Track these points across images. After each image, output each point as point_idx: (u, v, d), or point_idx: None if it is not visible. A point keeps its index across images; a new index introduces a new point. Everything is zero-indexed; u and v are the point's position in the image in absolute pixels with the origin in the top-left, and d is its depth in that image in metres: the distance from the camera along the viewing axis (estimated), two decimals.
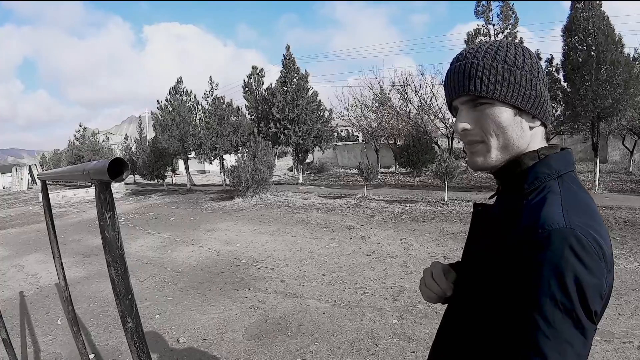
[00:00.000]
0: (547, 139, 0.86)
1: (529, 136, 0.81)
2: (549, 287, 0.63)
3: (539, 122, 0.82)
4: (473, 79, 0.79)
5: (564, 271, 0.63)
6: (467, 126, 0.82)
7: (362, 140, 28.98)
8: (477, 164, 0.84)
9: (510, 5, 14.11)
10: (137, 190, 21.53)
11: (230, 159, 19.48)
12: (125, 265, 0.89)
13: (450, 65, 0.85)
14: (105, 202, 0.87)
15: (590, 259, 0.64)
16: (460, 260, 1.01)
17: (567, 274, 0.63)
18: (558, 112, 12.43)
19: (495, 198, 0.92)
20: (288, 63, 18.91)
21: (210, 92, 19.81)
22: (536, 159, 0.80)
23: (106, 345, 3.74)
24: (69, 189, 22.39)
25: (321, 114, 19.53)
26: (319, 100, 19.47)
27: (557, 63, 11.37)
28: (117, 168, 0.79)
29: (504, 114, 0.79)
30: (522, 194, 0.78)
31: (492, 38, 14.25)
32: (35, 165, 39.72)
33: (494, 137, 0.80)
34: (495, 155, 0.81)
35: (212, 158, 19.54)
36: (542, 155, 0.80)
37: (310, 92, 19.07)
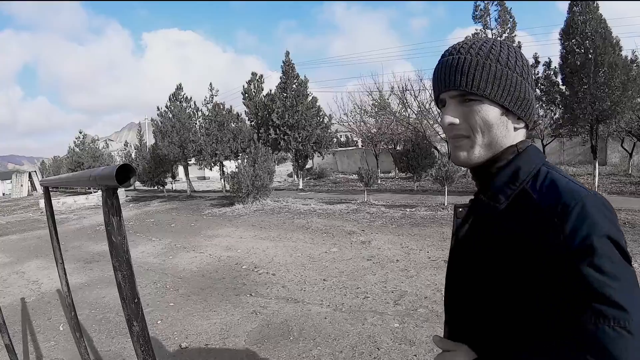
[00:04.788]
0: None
1: (513, 137, 0.84)
2: (601, 249, 0.66)
3: (523, 124, 0.85)
4: (465, 75, 0.79)
5: (609, 231, 0.68)
6: (456, 121, 0.83)
7: (362, 146, 28.96)
8: (459, 159, 0.86)
9: (508, 9, 14.17)
10: (138, 197, 21.54)
11: (230, 165, 19.49)
12: (131, 269, 0.91)
13: (442, 57, 0.85)
14: (112, 207, 0.89)
15: (615, 217, 0.72)
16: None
17: (610, 234, 0.67)
18: (557, 115, 12.45)
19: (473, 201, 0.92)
20: (287, 69, 19.00)
21: (210, 99, 19.85)
22: (515, 152, 0.83)
23: (108, 351, 3.74)
24: (69, 195, 22.38)
25: (321, 120, 19.58)
26: (319, 106, 19.53)
27: (555, 66, 11.44)
28: (123, 174, 0.81)
29: (492, 113, 0.81)
30: (518, 182, 0.80)
31: None
32: (35, 172, 39.73)
33: (479, 134, 0.82)
34: (479, 152, 0.83)
35: (212, 164, 19.53)
36: (520, 149, 0.83)
37: (309, 98, 19.15)
